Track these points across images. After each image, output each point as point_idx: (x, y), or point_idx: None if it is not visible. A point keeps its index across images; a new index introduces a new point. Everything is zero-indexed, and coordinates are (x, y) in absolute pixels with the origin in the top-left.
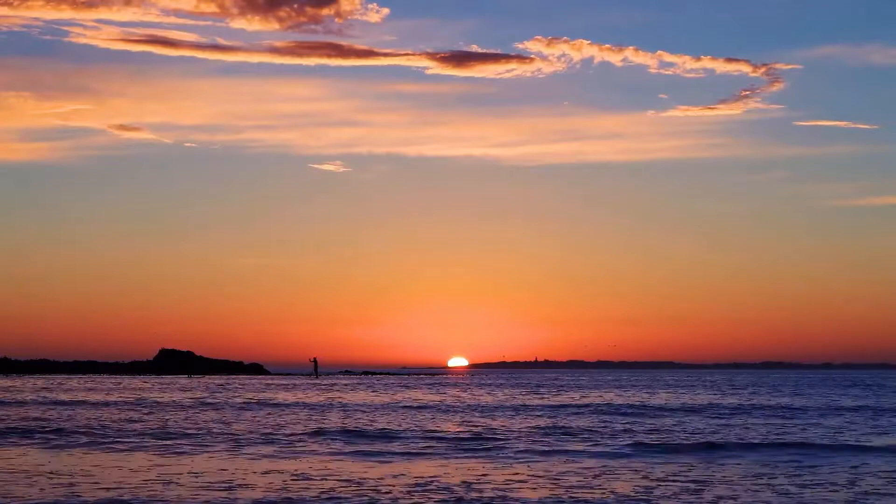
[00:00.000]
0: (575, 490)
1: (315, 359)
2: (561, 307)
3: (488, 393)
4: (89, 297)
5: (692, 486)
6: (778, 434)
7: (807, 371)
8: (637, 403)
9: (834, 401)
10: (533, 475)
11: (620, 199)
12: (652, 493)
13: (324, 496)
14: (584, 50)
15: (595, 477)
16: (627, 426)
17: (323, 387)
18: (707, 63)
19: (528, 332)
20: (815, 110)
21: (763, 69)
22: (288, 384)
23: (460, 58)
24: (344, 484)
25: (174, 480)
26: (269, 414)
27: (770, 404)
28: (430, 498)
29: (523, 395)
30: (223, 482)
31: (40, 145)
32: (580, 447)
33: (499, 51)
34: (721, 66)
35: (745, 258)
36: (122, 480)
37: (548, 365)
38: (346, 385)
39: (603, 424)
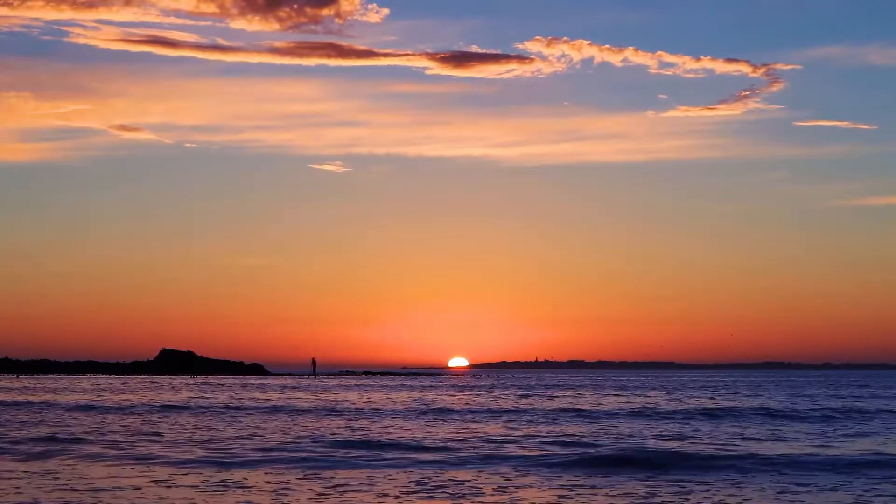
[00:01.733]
0: None
1: (314, 359)
2: (561, 307)
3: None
4: (90, 297)
5: None
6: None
7: (807, 371)
8: (599, 407)
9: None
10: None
11: (620, 199)
12: None
13: None
14: (584, 50)
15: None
16: (566, 434)
17: (286, 387)
18: (707, 63)
19: (528, 332)
20: (814, 110)
21: (763, 69)
22: (263, 385)
23: (460, 58)
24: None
25: None
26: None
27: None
28: None
29: (503, 397)
30: None
31: (40, 145)
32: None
33: (499, 51)
34: (721, 67)
35: (744, 258)
36: None
37: (548, 365)
38: (313, 386)
39: (536, 431)
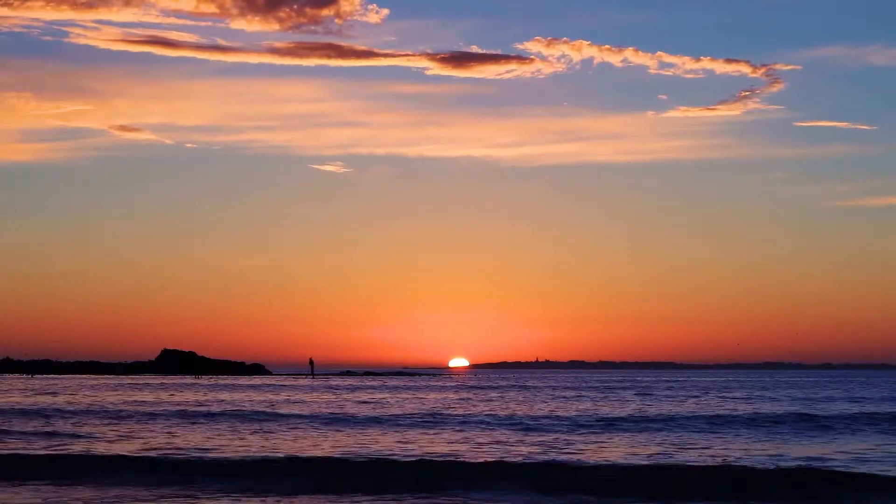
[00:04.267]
0: None
1: (311, 359)
2: (561, 307)
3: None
4: (91, 297)
5: None
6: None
7: (805, 371)
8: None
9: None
10: None
11: (620, 200)
12: None
13: None
14: (584, 51)
15: None
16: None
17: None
18: (707, 63)
19: (529, 332)
20: (814, 111)
21: (763, 70)
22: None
23: (460, 58)
24: None
25: None
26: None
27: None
28: None
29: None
30: None
31: (41, 146)
32: None
33: (499, 51)
34: (721, 67)
35: (744, 258)
36: None
37: (549, 365)
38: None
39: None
